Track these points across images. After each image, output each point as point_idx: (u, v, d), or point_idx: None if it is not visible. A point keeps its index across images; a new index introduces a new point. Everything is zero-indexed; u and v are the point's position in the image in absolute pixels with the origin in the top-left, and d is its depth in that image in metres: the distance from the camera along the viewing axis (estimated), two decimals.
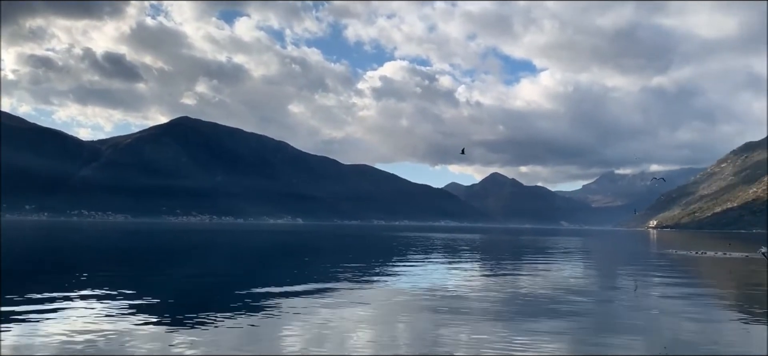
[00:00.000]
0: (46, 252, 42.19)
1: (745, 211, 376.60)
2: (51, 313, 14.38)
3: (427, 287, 21.67)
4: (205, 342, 11.52)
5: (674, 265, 37.06)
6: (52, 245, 52.39)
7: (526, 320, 14.70)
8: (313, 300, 17.40)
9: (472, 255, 45.34)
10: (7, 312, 14.30)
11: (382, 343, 11.73)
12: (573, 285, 23.44)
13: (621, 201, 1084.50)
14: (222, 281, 24.21)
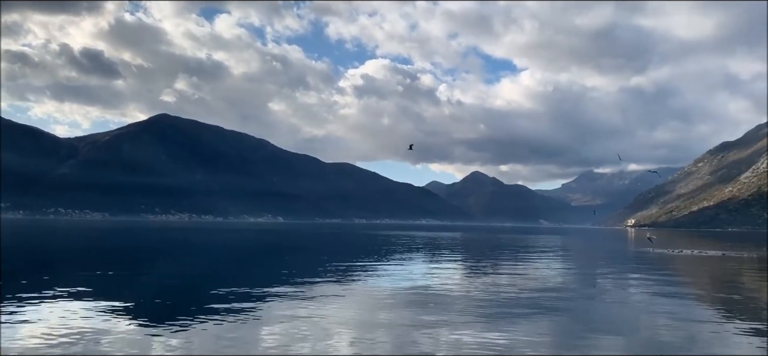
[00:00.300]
0: (22, 252, 41.47)
1: (721, 210, 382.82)
2: (25, 314, 14.14)
3: (408, 286, 21.70)
4: (183, 342, 11.42)
5: (652, 263, 37.51)
6: (27, 244, 51.52)
7: (506, 318, 14.77)
8: (294, 299, 17.33)
9: (453, 254, 45.49)
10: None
11: (363, 343, 11.72)
12: (552, 283, 23.62)
13: (600, 200, 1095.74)
14: (201, 280, 23.99)
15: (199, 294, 19.45)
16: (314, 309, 15.68)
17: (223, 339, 11.96)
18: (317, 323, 13.75)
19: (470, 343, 11.77)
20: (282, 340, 11.83)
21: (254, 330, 12.86)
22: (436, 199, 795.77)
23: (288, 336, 12.18)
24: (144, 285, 22.05)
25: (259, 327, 13.27)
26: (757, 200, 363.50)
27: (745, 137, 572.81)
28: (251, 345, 11.50)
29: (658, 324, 14.64)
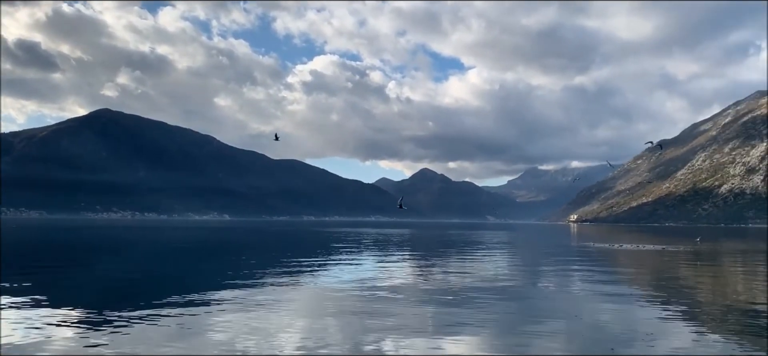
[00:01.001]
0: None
1: (658, 205, 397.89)
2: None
3: (358, 282, 21.66)
4: (128, 343, 11.06)
5: (593, 257, 38.62)
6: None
7: (454, 312, 14.91)
8: (241, 298, 17.03)
9: (402, 250, 45.72)
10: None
11: (311, 341, 11.60)
12: (498, 277, 24.01)
13: (544, 196, 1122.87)
14: (144, 280, 23.31)
15: (142, 294, 18.89)
16: (262, 307, 15.46)
17: (168, 339, 11.64)
18: (265, 321, 13.56)
19: (419, 337, 11.82)
20: (229, 339, 11.59)
21: (200, 330, 12.57)
22: (385, 196, 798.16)
23: (235, 336, 11.94)
24: (83, 285, 21.27)
25: (204, 326, 12.98)
26: (692, 196, 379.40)
27: (681, 135, 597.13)
28: (197, 345, 11.23)
29: (601, 315, 15.07)
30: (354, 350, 10.88)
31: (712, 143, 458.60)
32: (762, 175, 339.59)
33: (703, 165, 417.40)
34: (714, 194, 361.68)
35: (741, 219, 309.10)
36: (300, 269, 26.64)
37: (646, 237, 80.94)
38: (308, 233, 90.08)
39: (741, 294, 20.33)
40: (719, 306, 16.82)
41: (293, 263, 29.74)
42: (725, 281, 24.93)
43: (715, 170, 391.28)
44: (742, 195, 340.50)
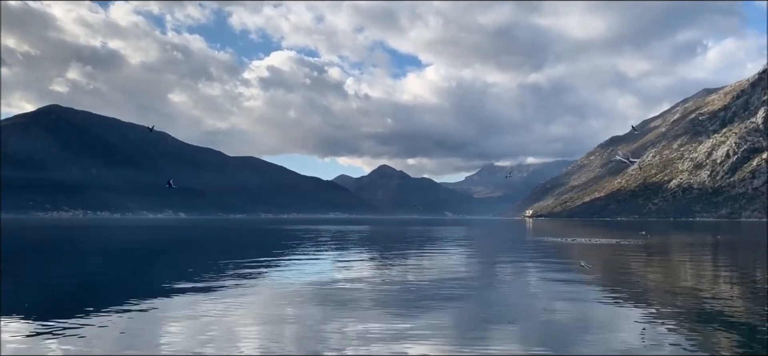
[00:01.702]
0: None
1: (610, 200, 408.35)
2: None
3: (316, 280, 21.59)
4: (81, 344, 10.77)
5: (548, 251, 39.41)
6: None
7: (413, 308, 15.01)
8: (197, 297, 16.77)
9: (361, 247, 45.74)
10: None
11: (270, 339, 11.53)
12: (456, 273, 24.27)
13: (500, 192, 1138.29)
14: (96, 280, 22.70)
15: (94, 294, 18.42)
16: (219, 307, 15.26)
17: (123, 340, 11.39)
18: (222, 321, 13.39)
19: (378, 334, 11.87)
20: (185, 339, 11.42)
21: (156, 331, 12.35)
22: (344, 192, 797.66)
23: (191, 336, 11.77)
24: (32, 286, 20.58)
25: (160, 327, 12.75)
26: (643, 191, 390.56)
27: (632, 131, 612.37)
28: (153, 345, 11.03)
29: (555, 307, 15.39)
30: (312, 349, 10.86)
31: (662, 140, 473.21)
32: (708, 170, 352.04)
33: (653, 161, 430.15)
34: (663, 189, 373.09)
35: (689, 213, 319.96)
36: (257, 268, 26.38)
37: (599, 231, 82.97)
38: (265, 231, 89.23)
39: (688, 284, 21.07)
40: (668, 296, 17.39)
41: (250, 262, 29.43)
42: (673, 272, 25.78)
43: (665, 166, 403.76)
44: (690, 190, 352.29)
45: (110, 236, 68.50)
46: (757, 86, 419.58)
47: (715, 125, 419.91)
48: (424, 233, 75.66)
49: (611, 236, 63.21)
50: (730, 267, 28.85)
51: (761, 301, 16.62)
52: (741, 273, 25.14)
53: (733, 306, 15.70)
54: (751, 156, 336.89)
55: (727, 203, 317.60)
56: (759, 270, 26.93)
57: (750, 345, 10.95)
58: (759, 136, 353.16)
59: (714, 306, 15.46)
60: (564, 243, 49.49)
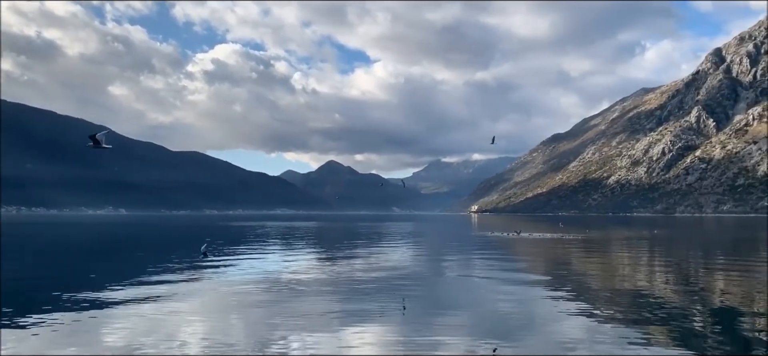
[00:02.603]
0: None
1: (552, 196, 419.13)
2: None
3: (262, 277, 21.30)
4: (13, 344, 10.27)
5: (492, 245, 40.08)
6: None
7: (360, 304, 14.98)
8: (138, 297, 16.26)
9: (308, 243, 45.44)
10: None
11: (214, 338, 11.28)
12: (403, 267, 24.39)
13: (447, 187, 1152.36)
14: (30, 280, 21.73)
15: (28, 294, 17.60)
16: (161, 306, 14.84)
17: (60, 340, 10.93)
18: (165, 320, 13.03)
19: (325, 331, 11.79)
20: (125, 341, 11.04)
21: (94, 331, 11.90)
22: (291, 188, 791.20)
23: (132, 336, 11.39)
24: None
25: (98, 327, 12.29)
26: (582, 186, 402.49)
27: (573, 129, 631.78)
28: (91, 345, 10.63)
29: (499, 301, 15.66)
30: (258, 347, 10.69)
31: (601, 137, 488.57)
32: (645, 167, 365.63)
33: (593, 158, 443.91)
34: (603, 185, 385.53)
35: (627, 208, 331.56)
36: (201, 265, 25.83)
37: (541, 226, 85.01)
38: (210, 227, 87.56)
39: (627, 277, 21.83)
40: (608, 289, 17.95)
41: (194, 260, 28.79)
42: (613, 266, 26.65)
43: (604, 163, 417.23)
44: (628, 186, 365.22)
45: (45, 233, 65.80)
46: (691, 87, 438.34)
47: (651, 123, 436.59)
48: (372, 229, 75.81)
49: (554, 230, 64.83)
50: (666, 261, 30.07)
51: (693, 293, 17.41)
52: (675, 267, 26.20)
53: (667, 298, 16.34)
54: (685, 154, 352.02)
55: (663, 199, 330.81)
56: (692, 263, 28.15)
57: (683, 337, 11.39)
58: (692, 134, 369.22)
59: (649, 299, 16.06)
60: (507, 238, 50.44)
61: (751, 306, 14.83)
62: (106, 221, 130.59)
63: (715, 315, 13.81)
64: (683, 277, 21.80)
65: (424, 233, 67.82)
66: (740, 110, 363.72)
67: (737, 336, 11.57)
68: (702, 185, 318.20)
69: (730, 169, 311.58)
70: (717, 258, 30.81)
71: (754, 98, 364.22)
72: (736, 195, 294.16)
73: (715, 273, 23.24)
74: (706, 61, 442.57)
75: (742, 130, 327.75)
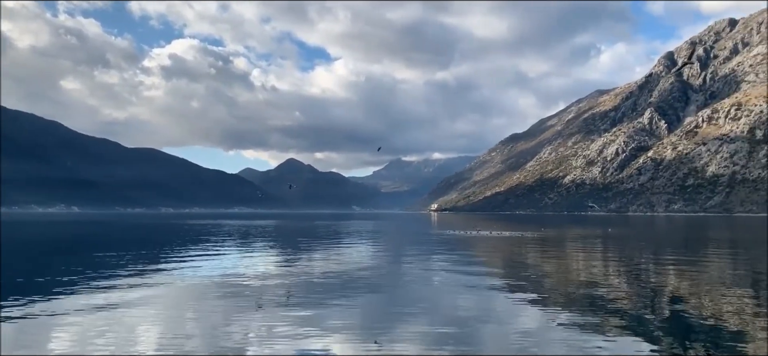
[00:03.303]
0: None
1: (510, 195, 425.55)
2: None
3: (219, 277, 20.97)
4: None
5: (452, 244, 40.41)
6: None
7: (319, 302, 14.90)
8: (91, 297, 15.81)
9: (267, 242, 44.99)
10: None
11: (170, 338, 11.04)
12: (362, 266, 24.38)
13: (408, 186, 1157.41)
14: None
15: None
16: (115, 306, 14.46)
17: (7, 341, 10.53)
18: (119, 321, 12.69)
19: (284, 330, 11.67)
20: (79, 340, 10.70)
21: (45, 332, 11.51)
22: (250, 186, 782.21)
23: (83, 338, 11.05)
24: None
25: (50, 328, 11.89)
26: (539, 185, 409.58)
27: (530, 129, 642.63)
28: (41, 346, 10.28)
29: (458, 298, 15.80)
30: (215, 348, 10.52)
31: (558, 137, 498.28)
32: (600, 167, 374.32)
33: (550, 157, 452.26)
34: (559, 185, 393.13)
35: (582, 207, 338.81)
36: (156, 265, 25.30)
37: (499, 224, 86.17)
38: (166, 226, 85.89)
39: (582, 274, 22.30)
40: (563, 286, 18.31)
41: (148, 259, 28.20)
42: (569, 263, 27.18)
43: (560, 162, 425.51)
44: (583, 185, 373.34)
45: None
46: (644, 89, 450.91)
47: (606, 124, 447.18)
48: (332, 227, 75.55)
49: (511, 228, 65.81)
50: (619, 258, 30.83)
51: (645, 289, 17.90)
52: (628, 264, 26.89)
53: (621, 295, 16.77)
54: (638, 154, 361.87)
55: (616, 198, 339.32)
56: (644, 261, 28.93)
57: (635, 332, 11.68)
58: (645, 135, 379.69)
59: (604, 296, 16.43)
60: (466, 236, 50.96)
61: (700, 301, 15.31)
62: (57, 220, 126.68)
63: (666, 311, 14.23)
64: (636, 274, 22.39)
65: (384, 231, 67.94)
66: (690, 113, 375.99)
67: (687, 331, 11.92)
68: (654, 185, 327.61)
69: (680, 169, 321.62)
70: (667, 256, 31.75)
71: (703, 100, 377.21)
72: (686, 195, 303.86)
73: (666, 269, 23.95)
74: (658, 65, 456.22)
75: (693, 132, 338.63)
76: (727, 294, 16.51)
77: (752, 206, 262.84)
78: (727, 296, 16.05)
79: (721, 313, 13.53)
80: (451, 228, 70.97)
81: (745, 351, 10.10)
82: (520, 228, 68.87)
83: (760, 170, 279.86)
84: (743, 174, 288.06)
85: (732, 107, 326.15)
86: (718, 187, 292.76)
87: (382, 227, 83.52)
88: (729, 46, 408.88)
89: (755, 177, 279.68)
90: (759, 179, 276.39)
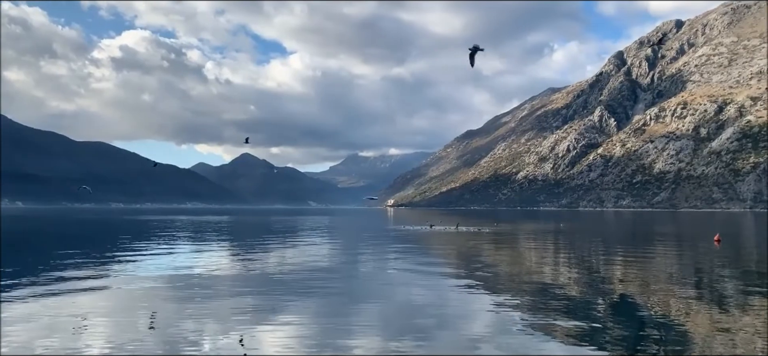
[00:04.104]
0: None
1: (465, 191, 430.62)
2: None
3: (171, 274, 20.53)
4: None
5: (408, 239, 40.62)
6: None
7: (273, 299, 14.75)
8: (35, 296, 15.24)
9: (221, 238, 44.36)
10: None
11: (118, 339, 10.75)
12: (318, 261, 24.28)
13: (364, 181, 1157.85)
14: None
15: None
16: (63, 304, 13.97)
17: None
18: (67, 321, 12.26)
19: (237, 330, 11.52)
20: (23, 342, 10.31)
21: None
22: (203, 181, 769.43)
23: (29, 339, 10.65)
24: None
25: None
26: (494, 181, 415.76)
27: (485, 126, 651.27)
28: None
29: (413, 293, 15.89)
30: (167, 347, 10.29)
31: (511, 134, 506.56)
32: (551, 163, 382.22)
33: (504, 154, 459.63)
34: (512, 180, 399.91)
35: (534, 202, 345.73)
36: (106, 262, 24.63)
37: (455, 220, 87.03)
38: (117, 221, 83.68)
39: (534, 268, 22.74)
40: (516, 280, 18.62)
41: (98, 256, 27.44)
42: (522, 257, 27.68)
43: (514, 159, 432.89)
44: (535, 181, 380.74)
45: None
46: (595, 87, 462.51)
47: (558, 121, 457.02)
48: (287, 223, 74.97)
49: (467, 223, 66.53)
50: (570, 252, 31.59)
51: (594, 282, 18.39)
52: (579, 258, 27.56)
53: (572, 287, 17.18)
54: (588, 151, 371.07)
55: (567, 194, 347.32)
56: (594, 255, 29.71)
57: (585, 324, 11.97)
58: (595, 133, 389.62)
59: (555, 289, 16.81)
60: (422, 231, 51.29)
61: (647, 293, 15.81)
62: (2, 215, 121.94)
63: (615, 303, 14.65)
64: (586, 267, 22.97)
65: (340, 227, 67.80)
66: (639, 111, 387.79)
67: (634, 323, 12.29)
68: (603, 181, 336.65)
69: (629, 166, 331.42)
70: (616, 250, 32.68)
71: (651, 99, 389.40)
72: (634, 191, 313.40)
73: (615, 262, 24.66)
74: (608, 64, 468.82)
75: (640, 129, 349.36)
76: (673, 287, 17.10)
77: (697, 202, 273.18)
78: (672, 289, 16.63)
79: (667, 307, 14.01)
80: (407, 224, 71.30)
81: (692, 347, 10.47)
82: (475, 223, 69.73)
83: (704, 167, 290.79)
84: (688, 171, 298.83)
85: (678, 106, 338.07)
86: (665, 183, 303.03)
87: (338, 223, 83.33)
88: (676, 47, 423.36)
89: (699, 174, 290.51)
90: (703, 175, 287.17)
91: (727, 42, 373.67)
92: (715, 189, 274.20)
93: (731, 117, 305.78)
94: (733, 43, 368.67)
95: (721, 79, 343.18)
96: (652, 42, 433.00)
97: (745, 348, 9.98)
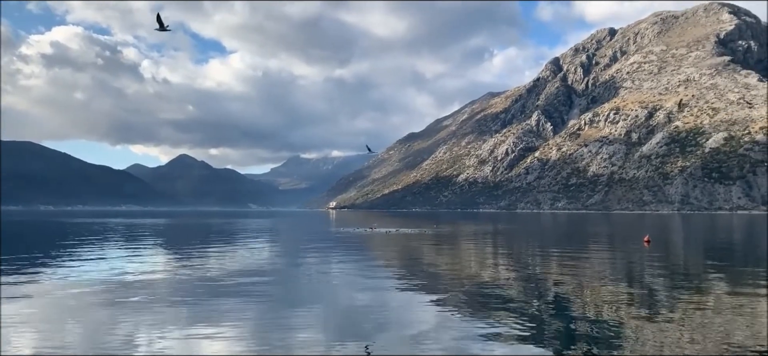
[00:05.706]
0: None
1: (407, 193, 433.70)
2: None
3: (103, 278, 19.75)
4: None
5: (350, 242, 40.57)
6: None
7: (211, 303, 14.44)
8: None
9: (156, 241, 43.07)
10: None
11: (47, 347, 10.25)
12: (258, 265, 23.91)
13: (306, 183, 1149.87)
14: None
15: None
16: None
17: None
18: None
19: (172, 336, 11.19)
20: None
21: None
22: (138, 183, 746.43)
23: None
24: None
25: None
26: (435, 184, 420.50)
27: (427, 129, 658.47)
28: None
29: (355, 295, 15.87)
30: (97, 350, 9.89)
31: (452, 137, 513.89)
32: (491, 166, 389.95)
33: (445, 157, 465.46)
34: (453, 183, 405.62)
35: (474, 205, 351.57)
36: (32, 267, 23.49)
37: (396, 222, 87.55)
38: (46, 224, 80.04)
39: (473, 268, 23.08)
40: (456, 281, 18.86)
41: (24, 261, 26.14)
42: (462, 258, 28.07)
43: (454, 161, 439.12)
44: (475, 184, 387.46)
45: None
46: (532, 92, 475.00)
47: (497, 125, 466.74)
48: (226, 226, 73.57)
49: (408, 225, 67.05)
50: (508, 253, 32.28)
51: (532, 282, 18.83)
52: (517, 259, 28.19)
53: (509, 287, 17.53)
54: (526, 154, 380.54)
55: (506, 196, 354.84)
56: (531, 256, 30.44)
57: (523, 322, 12.23)
58: (533, 136, 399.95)
59: (494, 289, 17.13)
60: (364, 234, 51.34)
61: (580, 292, 16.30)
62: None
63: (550, 302, 15.04)
64: (523, 267, 23.51)
65: (280, 229, 67.07)
66: (574, 116, 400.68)
67: (569, 319, 12.64)
68: (540, 184, 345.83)
69: (564, 169, 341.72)
70: (552, 250, 33.60)
71: (585, 104, 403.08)
72: (569, 193, 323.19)
73: (550, 262, 25.34)
74: (545, 69, 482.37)
75: (575, 134, 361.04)
76: (605, 286, 17.71)
77: (628, 204, 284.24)
78: (605, 288, 17.21)
79: (600, 305, 14.48)
80: (349, 226, 71.22)
81: (623, 344, 10.85)
82: (415, 225, 70.32)
83: (636, 170, 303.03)
84: (620, 174, 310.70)
85: (611, 111, 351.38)
86: (598, 186, 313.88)
87: (279, 225, 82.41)
88: (609, 54, 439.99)
89: (631, 177, 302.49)
90: (634, 178, 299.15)
91: (656, 50, 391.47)
92: (645, 192, 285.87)
93: (661, 123, 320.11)
94: (662, 51, 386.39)
95: (652, 86, 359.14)
96: (587, 50, 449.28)
97: (673, 344, 10.42)
